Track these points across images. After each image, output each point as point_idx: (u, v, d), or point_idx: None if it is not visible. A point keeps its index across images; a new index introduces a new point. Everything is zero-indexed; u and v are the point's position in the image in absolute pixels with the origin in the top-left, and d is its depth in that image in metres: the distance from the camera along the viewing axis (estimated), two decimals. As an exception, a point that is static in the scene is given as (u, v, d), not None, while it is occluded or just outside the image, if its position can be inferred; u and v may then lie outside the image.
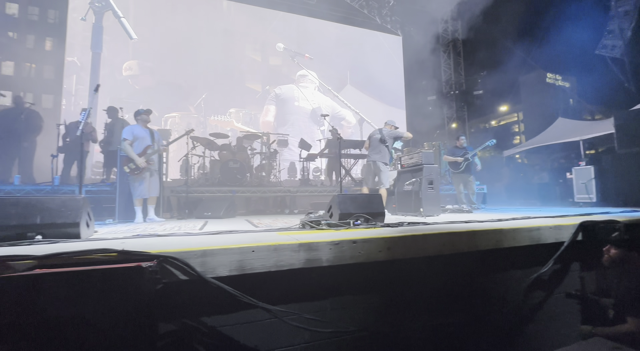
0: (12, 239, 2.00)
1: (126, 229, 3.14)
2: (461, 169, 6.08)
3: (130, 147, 4.28)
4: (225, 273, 1.80)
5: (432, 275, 2.36)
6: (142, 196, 4.30)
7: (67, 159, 5.64)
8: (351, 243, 2.11)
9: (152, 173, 4.45)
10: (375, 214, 3.05)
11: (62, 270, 1.31)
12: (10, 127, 5.19)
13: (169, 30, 9.80)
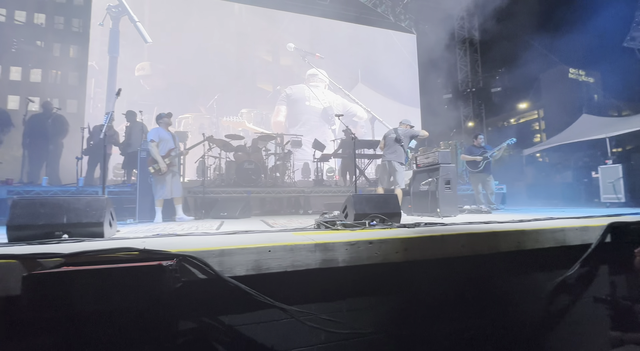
0: (41, 237, 2.09)
1: (146, 229, 3.23)
2: (480, 168, 5.92)
3: (156, 149, 4.42)
4: (243, 272, 1.82)
5: (450, 277, 2.31)
6: (163, 197, 4.44)
7: (90, 161, 5.88)
8: (367, 243, 2.09)
9: (174, 175, 4.58)
10: (391, 214, 3.01)
11: (89, 268, 1.36)
12: (39, 131, 5.45)
13: (183, 33, 10.06)
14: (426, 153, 4.95)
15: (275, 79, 11.10)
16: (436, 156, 4.62)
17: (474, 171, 6.01)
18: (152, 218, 4.48)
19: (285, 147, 7.30)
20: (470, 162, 6.04)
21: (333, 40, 11.68)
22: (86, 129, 5.78)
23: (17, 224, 2.04)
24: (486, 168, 5.92)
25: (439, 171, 4.41)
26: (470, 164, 6.04)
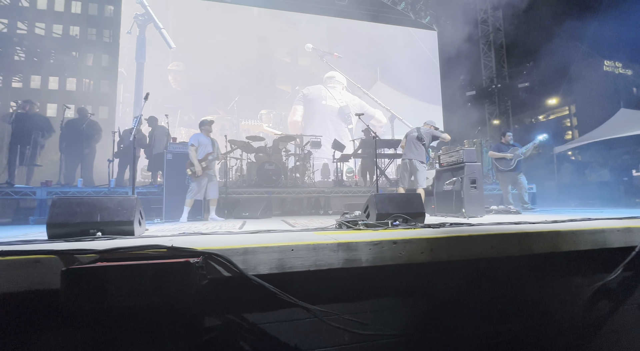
0: (77, 235, 2.21)
1: (172, 228, 3.34)
2: (512, 167, 5.63)
3: (194, 153, 4.63)
4: (266, 271, 1.83)
5: (479, 280, 2.22)
6: (194, 197, 4.63)
7: (121, 163, 6.17)
8: (391, 243, 2.04)
9: (211, 178, 4.75)
10: (414, 214, 2.94)
11: (122, 263, 1.41)
12: (74, 136, 5.79)
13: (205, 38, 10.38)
14: (450, 152, 4.80)
15: (294, 80, 11.20)
16: (460, 154, 4.47)
17: (504, 170, 5.72)
18: (178, 217, 4.64)
19: (305, 148, 7.32)
20: (500, 161, 5.76)
21: (351, 40, 11.65)
22: (116, 133, 6.08)
23: (56, 222, 2.16)
24: (517, 167, 5.65)
25: (464, 170, 4.27)
26: (500, 163, 5.75)
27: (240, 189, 6.08)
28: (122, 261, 1.57)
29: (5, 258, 1.56)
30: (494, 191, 6.80)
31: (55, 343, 1.60)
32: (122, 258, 1.66)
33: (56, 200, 2.22)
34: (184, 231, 2.73)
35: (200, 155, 4.70)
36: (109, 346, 1.63)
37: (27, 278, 1.55)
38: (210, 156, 4.72)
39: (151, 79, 9.94)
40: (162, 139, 6.09)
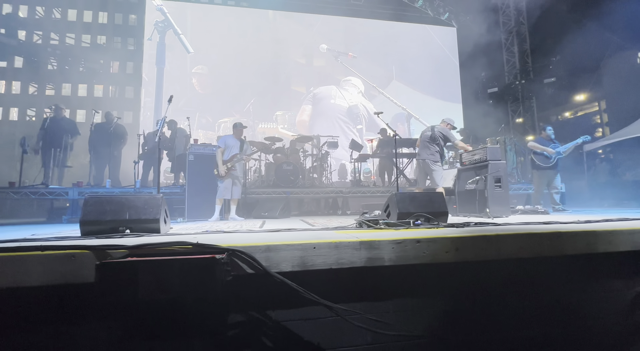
0: (107, 232, 2.30)
1: (195, 227, 3.42)
2: (552, 163, 5.36)
3: (220, 155, 4.82)
4: (288, 268, 1.83)
5: (508, 281, 2.13)
6: (221, 197, 4.78)
7: (145, 165, 6.39)
8: (415, 242, 1.99)
9: (235, 178, 4.88)
10: (437, 213, 2.87)
11: (152, 258, 1.45)
12: (102, 139, 6.07)
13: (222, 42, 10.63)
14: (472, 150, 4.67)
15: (309, 81, 11.25)
16: (484, 152, 4.33)
17: (543, 166, 5.43)
18: (200, 217, 4.77)
19: (322, 148, 7.33)
20: (539, 157, 5.47)
21: (366, 39, 11.59)
22: (141, 135, 6.31)
23: (88, 220, 2.26)
24: (556, 164, 5.39)
25: (487, 169, 4.13)
26: (540, 159, 5.46)
27: (259, 189, 6.16)
28: (150, 256, 1.62)
29: (44, 252, 1.64)
30: (519, 190, 6.54)
31: (87, 334, 1.67)
32: (149, 253, 1.71)
33: (88, 199, 2.32)
34: (206, 230, 2.79)
35: (226, 157, 4.85)
36: (136, 339, 1.68)
37: (63, 272, 1.62)
38: (236, 158, 4.84)
39: (170, 83, 10.29)
40: (182, 140, 6.27)
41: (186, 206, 4.91)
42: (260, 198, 5.99)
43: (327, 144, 7.64)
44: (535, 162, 5.51)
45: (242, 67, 10.64)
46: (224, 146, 4.88)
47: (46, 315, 1.65)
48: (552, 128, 5.62)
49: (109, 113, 6.57)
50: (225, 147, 4.89)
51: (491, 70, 11.73)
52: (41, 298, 1.66)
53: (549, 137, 5.51)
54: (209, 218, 4.76)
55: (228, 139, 4.95)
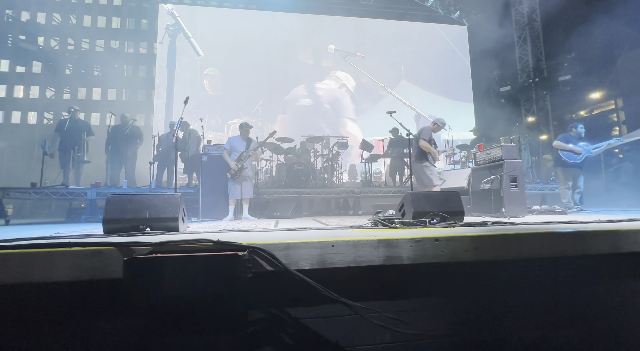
0: (128, 230, 2.35)
1: (211, 226, 3.47)
2: (579, 161, 5.19)
3: (227, 156, 4.95)
4: (307, 266, 1.84)
5: (529, 281, 2.09)
6: (233, 197, 4.86)
7: (159, 166, 6.51)
8: (433, 240, 1.98)
9: (245, 178, 4.94)
10: (453, 212, 2.84)
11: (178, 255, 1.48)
12: (119, 140, 6.22)
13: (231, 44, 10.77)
14: (486, 149, 4.61)
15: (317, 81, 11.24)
16: (498, 151, 4.27)
17: (570, 163, 5.25)
18: (213, 217, 4.84)
19: (333, 149, 7.34)
20: (567, 154, 5.27)
21: (375, 39, 11.57)
22: (156, 136, 6.44)
23: (111, 218, 2.32)
24: (583, 163, 5.23)
25: (503, 168, 4.07)
26: (568, 156, 5.26)
27: (271, 189, 6.21)
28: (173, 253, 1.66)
29: (71, 249, 1.69)
30: (534, 190, 6.42)
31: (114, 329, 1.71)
32: (172, 250, 1.75)
33: (110, 198, 2.38)
34: (223, 228, 2.83)
35: (234, 158, 4.94)
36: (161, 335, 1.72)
37: (90, 268, 1.67)
38: (243, 156, 4.91)
39: (181, 86, 10.48)
40: (195, 142, 6.37)
41: (200, 206, 4.99)
42: (272, 198, 6.03)
43: (337, 144, 7.65)
44: (561, 158, 5.30)
45: (251, 68, 10.75)
46: (229, 147, 5.00)
47: (74, 310, 1.70)
48: (583, 126, 5.42)
49: (124, 115, 6.72)
50: (231, 149, 5.00)
51: (503, 68, 11.54)
52: (69, 294, 1.71)
53: (579, 135, 5.33)
54: (223, 218, 4.82)
55: (234, 141, 5.05)
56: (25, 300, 1.69)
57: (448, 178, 5.60)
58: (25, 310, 1.69)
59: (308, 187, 6.32)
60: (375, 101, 11.59)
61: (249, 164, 4.99)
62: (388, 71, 11.62)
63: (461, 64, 12.09)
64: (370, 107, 11.55)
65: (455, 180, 5.42)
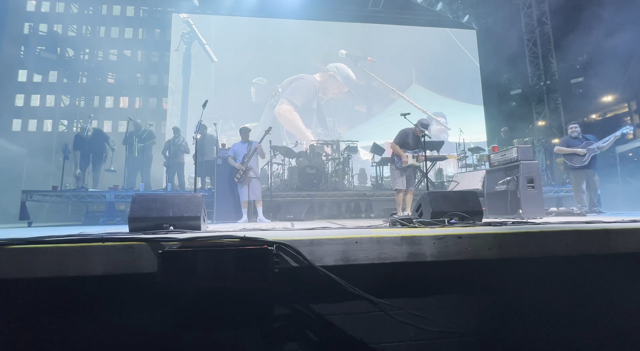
0: (153, 228, 2.41)
1: (228, 227, 3.52)
2: (585, 163, 5.07)
3: (232, 161, 5.13)
4: (331, 262, 1.86)
5: (554, 279, 2.07)
6: (243, 199, 4.98)
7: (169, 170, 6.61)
8: (456, 238, 1.99)
9: (251, 180, 5.03)
10: (471, 212, 2.84)
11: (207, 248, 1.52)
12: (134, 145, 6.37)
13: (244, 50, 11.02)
14: (501, 150, 4.58)
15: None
16: (514, 152, 4.24)
17: (576, 167, 5.14)
18: (228, 219, 4.90)
19: (344, 152, 7.37)
20: (571, 157, 5.18)
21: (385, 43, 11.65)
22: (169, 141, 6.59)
23: (136, 216, 2.38)
24: (592, 163, 5.08)
25: (519, 169, 4.04)
26: (572, 159, 5.18)
27: (284, 192, 6.26)
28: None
29: (104, 243, 1.75)
30: (550, 193, 6.33)
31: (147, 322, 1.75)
32: (200, 246, 1.79)
33: (136, 197, 2.45)
34: (243, 228, 2.87)
35: (239, 161, 5.07)
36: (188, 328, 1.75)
37: (122, 262, 1.72)
38: (246, 158, 5.02)
39: (196, 91, 10.69)
40: (212, 146, 6.47)
41: (215, 208, 5.05)
42: (284, 201, 6.08)
43: (348, 148, 7.69)
44: (567, 163, 5.26)
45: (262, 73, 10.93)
46: (233, 153, 5.16)
47: (108, 304, 1.75)
48: (577, 124, 5.32)
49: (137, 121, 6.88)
50: (235, 155, 5.14)
51: (514, 71, 11.47)
52: (102, 288, 1.76)
53: (579, 135, 5.25)
54: (237, 220, 4.88)
55: (236, 146, 5.20)
56: (61, 293, 1.75)
57: (462, 180, 5.58)
58: (60, 303, 1.75)
59: (320, 190, 6.35)
60: (386, 104, 11.63)
61: (254, 164, 5.08)
62: (398, 74, 11.68)
63: (471, 67, 12.09)
64: (382, 111, 11.59)
65: (469, 182, 5.39)
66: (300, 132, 10.76)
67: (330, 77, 11.24)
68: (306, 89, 11.10)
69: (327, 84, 11.23)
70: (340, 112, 11.39)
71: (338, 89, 11.28)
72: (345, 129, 11.34)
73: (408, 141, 4.73)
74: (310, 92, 11.13)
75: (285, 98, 10.92)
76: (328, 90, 11.26)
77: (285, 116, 10.85)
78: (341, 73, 11.31)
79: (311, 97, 11.13)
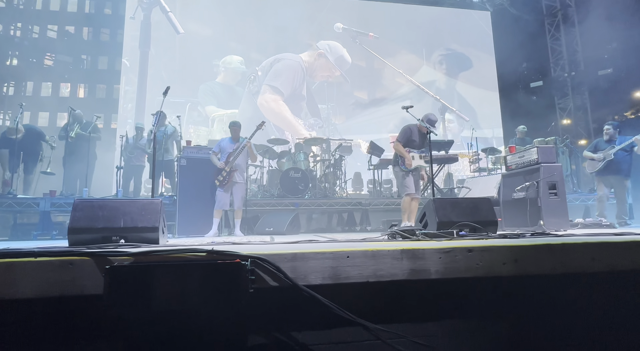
0: (99, 242, 2.36)
1: (194, 241, 3.48)
2: (597, 169, 5.45)
3: (215, 158, 5.08)
4: (318, 281, 1.87)
5: (578, 299, 2.14)
6: (220, 207, 4.91)
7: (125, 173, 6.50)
8: (466, 251, 2.03)
9: (235, 184, 5.01)
10: (484, 223, 2.91)
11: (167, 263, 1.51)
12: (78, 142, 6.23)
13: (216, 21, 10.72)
14: (519, 151, 4.72)
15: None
16: (534, 153, 4.38)
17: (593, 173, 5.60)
18: (194, 232, 4.84)
19: (335, 153, 7.42)
20: (590, 162, 5.61)
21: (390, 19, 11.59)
22: (124, 137, 6.48)
23: (78, 226, 2.33)
24: (617, 169, 5.35)
25: (539, 173, 4.17)
26: (590, 165, 5.61)
27: (262, 201, 6.24)
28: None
29: (37, 259, 1.71)
30: (576, 202, 6.54)
31: (85, 358, 1.71)
32: (157, 261, 1.77)
33: (78, 203, 2.40)
34: (212, 241, 2.85)
35: (222, 160, 5.04)
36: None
37: (60, 282, 1.68)
38: (232, 157, 4.99)
39: (156, 70, 10.36)
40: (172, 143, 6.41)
41: (177, 219, 4.99)
42: (262, 211, 6.06)
43: (340, 148, 7.74)
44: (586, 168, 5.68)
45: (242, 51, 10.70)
46: (218, 150, 5.16)
47: (41, 333, 1.70)
48: (611, 126, 5.57)
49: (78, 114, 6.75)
50: (219, 151, 5.13)
51: (534, 60, 11.87)
52: (34, 313, 1.71)
53: (611, 138, 5.49)
54: (205, 233, 4.82)
55: (223, 142, 5.20)
56: (-20, 321, 1.69)
57: (474, 186, 5.71)
58: (-22, 333, 1.69)
59: (306, 198, 6.36)
60: (392, 90, 11.46)
61: (242, 164, 5.06)
62: (406, 55, 11.54)
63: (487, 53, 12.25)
64: (386, 97, 11.43)
65: (482, 189, 5.52)
66: (290, 125, 10.53)
67: (320, 56, 11.02)
68: (292, 72, 10.86)
69: (316, 65, 11.01)
70: (336, 99, 11.16)
71: (328, 72, 11.05)
72: (342, 120, 11.13)
73: (414, 138, 4.82)
74: (298, 75, 10.90)
75: (268, 85, 10.69)
76: (316, 72, 11.04)
77: (270, 107, 10.57)
78: (334, 53, 11.12)
79: (299, 82, 10.90)
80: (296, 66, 10.98)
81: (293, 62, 10.99)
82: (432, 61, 11.87)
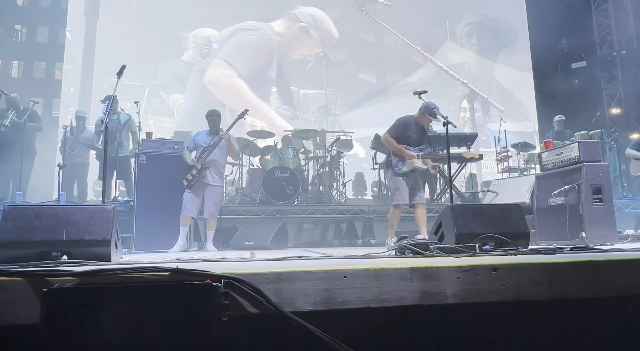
0: (35, 259, 2.35)
1: (155, 258, 3.47)
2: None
3: (188, 155, 5.16)
4: (308, 307, 1.88)
5: (626, 328, 2.17)
6: (187, 214, 4.91)
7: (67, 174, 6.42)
8: (490, 270, 2.06)
9: (207, 187, 5.03)
10: (513, 235, 2.95)
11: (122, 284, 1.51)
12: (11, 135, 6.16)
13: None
14: (557, 147, 4.78)
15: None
16: (574, 150, 4.42)
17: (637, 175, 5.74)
18: (155, 247, 4.83)
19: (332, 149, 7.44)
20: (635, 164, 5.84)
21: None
22: (67, 127, 6.44)
23: (9, 240, 2.32)
24: None
25: (581, 173, 4.21)
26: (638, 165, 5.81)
27: (242, 207, 6.23)
28: (112, 286, 1.68)
29: (-44, 280, 1.70)
30: (626, 209, 6.62)
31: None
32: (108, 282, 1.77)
33: (9, 210, 2.39)
34: (178, 258, 2.85)
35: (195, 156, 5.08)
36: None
37: (-15, 309, 1.67)
38: (205, 153, 5.00)
39: (106, 43, 10.24)
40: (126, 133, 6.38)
41: (134, 230, 4.97)
42: (242, 220, 6.05)
43: (338, 142, 7.77)
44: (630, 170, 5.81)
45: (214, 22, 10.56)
46: (192, 145, 5.25)
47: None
48: None
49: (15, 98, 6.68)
50: (194, 147, 5.20)
51: (575, 36, 11.99)
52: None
53: None
54: (169, 248, 4.81)
55: (199, 137, 5.27)
56: None
57: (502, 189, 5.75)
58: None
59: (296, 204, 6.36)
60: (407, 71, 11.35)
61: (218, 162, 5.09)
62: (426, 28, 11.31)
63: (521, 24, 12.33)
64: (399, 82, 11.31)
65: (512, 193, 5.56)
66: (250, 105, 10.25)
67: (300, 29, 10.56)
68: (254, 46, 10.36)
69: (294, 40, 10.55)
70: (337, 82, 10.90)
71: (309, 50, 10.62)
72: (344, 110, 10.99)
73: (409, 134, 4.82)
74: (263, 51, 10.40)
75: (222, 59, 10.29)
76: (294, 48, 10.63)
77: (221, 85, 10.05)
78: (319, 27, 10.71)
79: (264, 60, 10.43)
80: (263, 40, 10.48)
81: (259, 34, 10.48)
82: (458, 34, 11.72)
